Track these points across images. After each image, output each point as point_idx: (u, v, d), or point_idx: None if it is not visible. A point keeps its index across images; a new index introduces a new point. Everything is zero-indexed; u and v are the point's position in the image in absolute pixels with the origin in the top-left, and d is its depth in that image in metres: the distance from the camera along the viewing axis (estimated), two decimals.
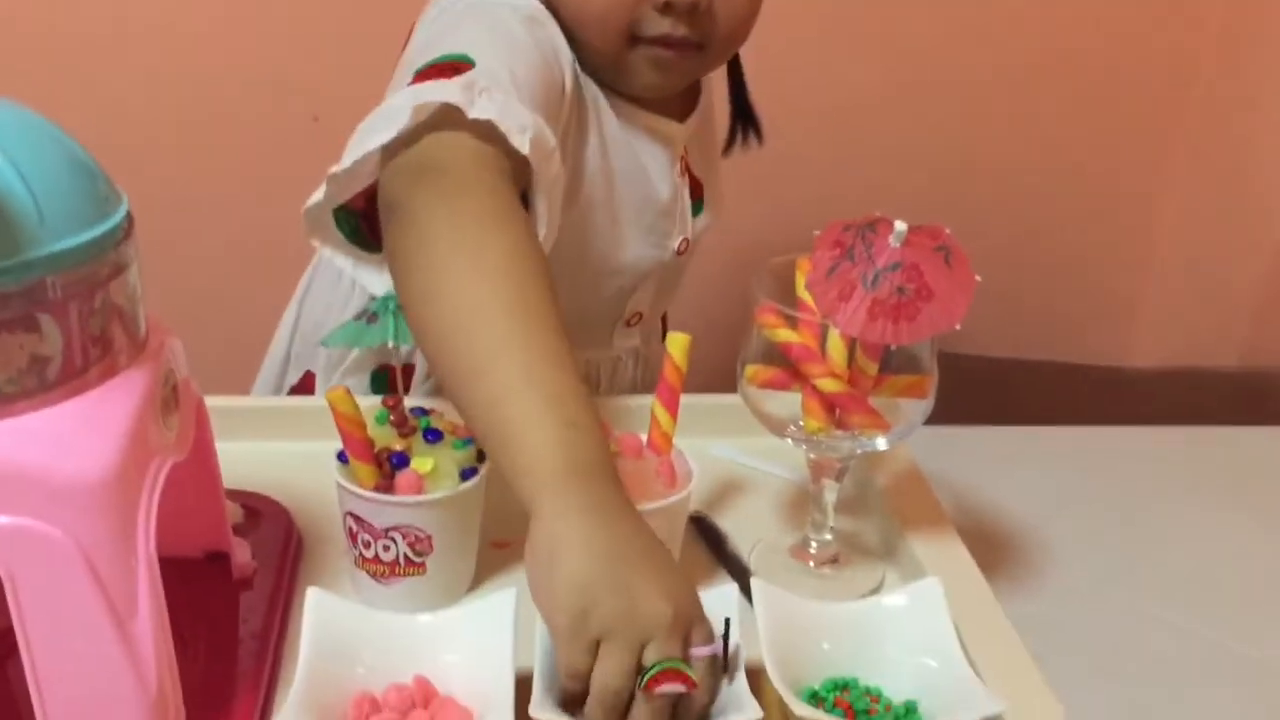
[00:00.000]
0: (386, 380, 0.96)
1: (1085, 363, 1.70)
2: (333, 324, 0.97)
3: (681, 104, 0.95)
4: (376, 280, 0.79)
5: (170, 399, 0.57)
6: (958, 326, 0.63)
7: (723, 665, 0.58)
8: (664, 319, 1.11)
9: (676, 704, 0.55)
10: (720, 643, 0.57)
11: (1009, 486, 0.98)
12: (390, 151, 0.71)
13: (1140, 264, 1.81)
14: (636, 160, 0.91)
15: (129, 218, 0.53)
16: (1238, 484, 1.01)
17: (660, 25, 0.83)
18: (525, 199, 0.75)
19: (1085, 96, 1.69)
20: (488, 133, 0.70)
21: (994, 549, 0.90)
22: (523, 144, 0.70)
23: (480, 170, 0.70)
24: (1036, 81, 1.67)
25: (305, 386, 1.02)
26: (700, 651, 0.55)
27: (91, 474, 0.49)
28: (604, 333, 1.00)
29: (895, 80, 1.63)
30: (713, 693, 0.57)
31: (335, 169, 0.72)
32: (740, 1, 0.85)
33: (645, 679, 0.53)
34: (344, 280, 0.97)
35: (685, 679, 0.54)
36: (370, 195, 0.74)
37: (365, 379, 0.97)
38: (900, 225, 0.62)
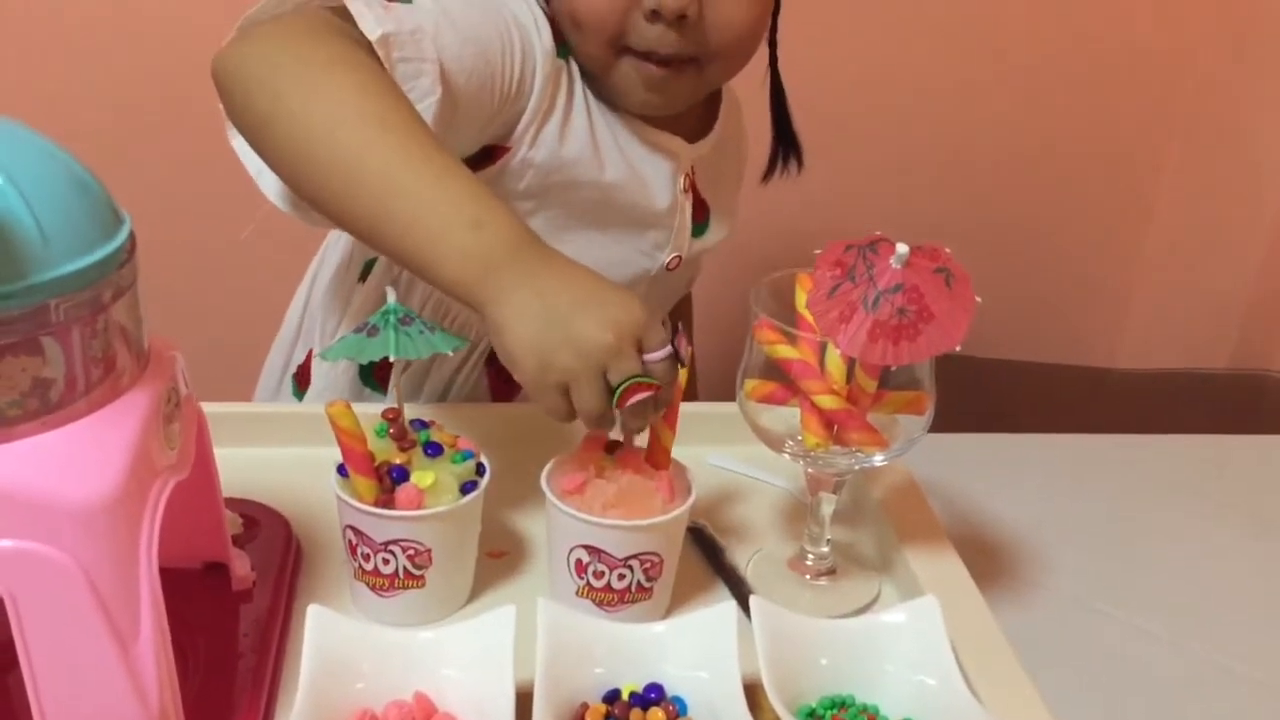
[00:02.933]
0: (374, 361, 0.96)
1: (1074, 364, 1.71)
2: (339, 302, 0.98)
3: (695, 124, 0.95)
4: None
5: (172, 415, 0.57)
6: (958, 348, 0.63)
7: (678, 360, 0.66)
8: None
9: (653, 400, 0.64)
10: (670, 345, 0.65)
11: (1002, 494, 0.98)
12: None
13: (1131, 265, 1.82)
14: (630, 163, 0.90)
15: (132, 238, 0.53)
16: (1233, 494, 1.01)
17: (648, 36, 0.82)
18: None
19: (1078, 96, 1.69)
20: (344, 15, 0.72)
21: (987, 558, 0.90)
22: (371, 29, 0.71)
23: (316, 19, 0.72)
24: (1028, 81, 1.67)
25: (308, 363, 1.02)
26: (653, 357, 0.64)
27: (94, 497, 0.49)
28: None
29: (886, 80, 1.63)
30: (674, 382, 0.66)
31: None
32: (735, 15, 0.83)
33: (616, 400, 0.63)
34: (354, 260, 0.97)
35: (648, 386, 0.63)
36: None
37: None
38: (902, 248, 0.62)
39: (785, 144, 1.01)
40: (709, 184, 0.98)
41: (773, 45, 0.95)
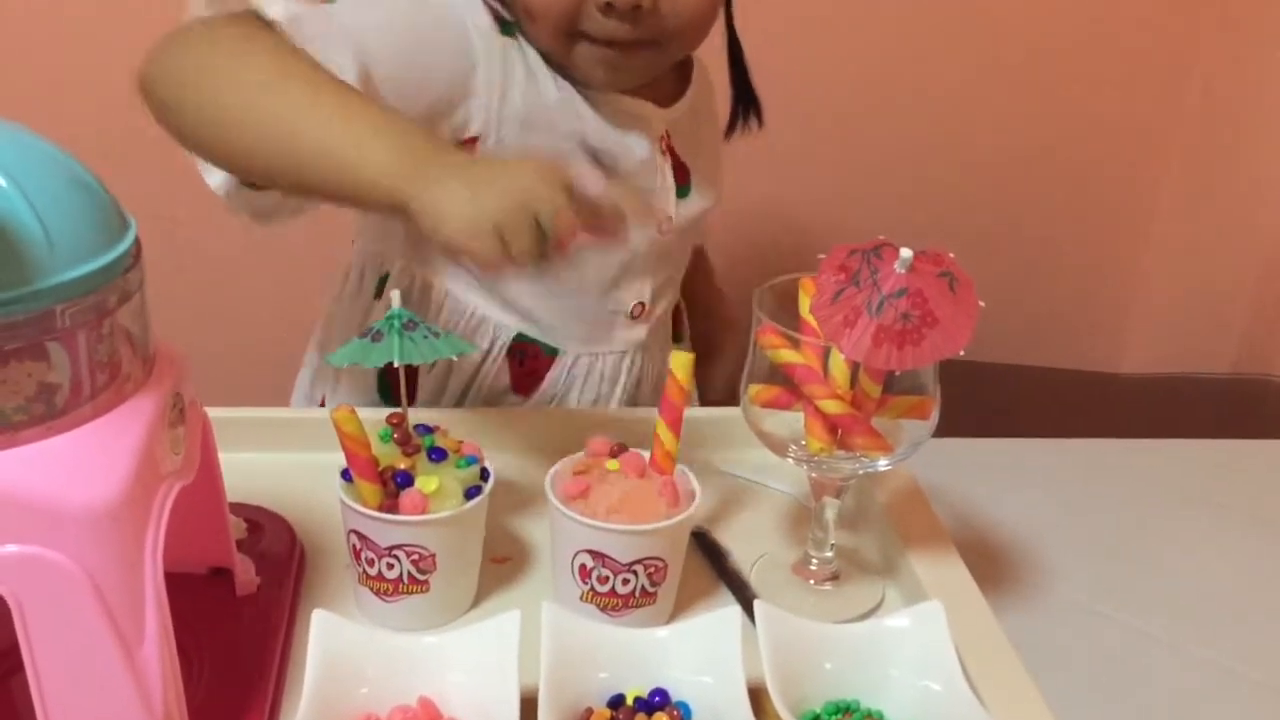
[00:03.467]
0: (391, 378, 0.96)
1: (1076, 368, 1.71)
2: (354, 326, 0.97)
3: (666, 90, 0.95)
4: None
5: (177, 420, 0.57)
6: (961, 353, 0.63)
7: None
8: (675, 320, 1.09)
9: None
10: (601, 182, 0.71)
11: (1006, 499, 0.98)
12: None
13: (1133, 269, 1.82)
14: (606, 132, 0.90)
15: (137, 242, 0.53)
16: (1236, 498, 1.01)
17: (604, 26, 0.82)
18: None
19: (1080, 99, 1.70)
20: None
21: (991, 562, 0.90)
22: (273, 8, 0.75)
23: (219, 21, 0.76)
24: (1030, 85, 1.68)
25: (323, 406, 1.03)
26: (584, 188, 0.68)
27: (100, 502, 0.49)
28: (603, 327, 0.97)
29: (886, 83, 1.63)
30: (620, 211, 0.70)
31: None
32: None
33: (553, 238, 0.65)
34: (365, 283, 0.97)
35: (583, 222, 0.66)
36: None
37: (373, 378, 0.97)
38: (906, 252, 0.62)
39: (744, 101, 1.01)
40: (687, 149, 0.97)
41: (728, 3, 0.94)
